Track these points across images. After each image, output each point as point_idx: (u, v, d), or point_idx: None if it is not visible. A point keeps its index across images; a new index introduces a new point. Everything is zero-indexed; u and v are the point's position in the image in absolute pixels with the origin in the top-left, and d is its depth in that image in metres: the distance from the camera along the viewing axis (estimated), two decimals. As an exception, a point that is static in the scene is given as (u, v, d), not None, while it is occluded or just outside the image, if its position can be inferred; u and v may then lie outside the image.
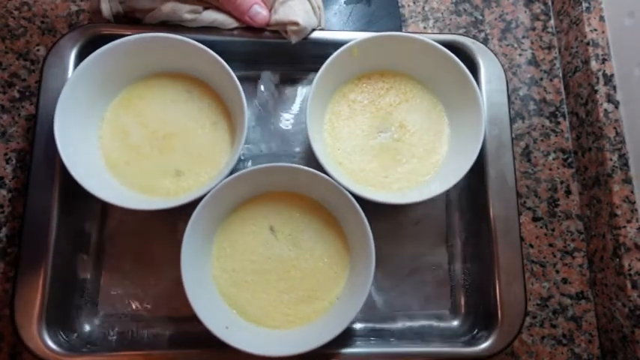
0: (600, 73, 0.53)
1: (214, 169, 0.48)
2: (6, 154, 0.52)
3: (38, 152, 0.47)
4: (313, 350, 0.41)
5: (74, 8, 0.56)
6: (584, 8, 0.55)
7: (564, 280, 0.53)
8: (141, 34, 0.47)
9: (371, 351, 0.46)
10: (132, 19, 0.51)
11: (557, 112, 0.58)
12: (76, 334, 0.46)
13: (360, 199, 0.44)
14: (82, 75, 0.46)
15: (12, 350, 0.47)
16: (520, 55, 0.59)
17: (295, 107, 0.54)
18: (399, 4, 0.59)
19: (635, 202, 0.50)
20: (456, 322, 0.50)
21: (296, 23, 0.49)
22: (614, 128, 0.52)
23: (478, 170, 0.49)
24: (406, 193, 0.48)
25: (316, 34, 0.52)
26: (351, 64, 0.50)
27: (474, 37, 0.56)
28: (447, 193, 0.52)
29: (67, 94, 0.45)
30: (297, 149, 0.53)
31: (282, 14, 0.49)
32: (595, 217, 0.53)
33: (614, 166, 0.51)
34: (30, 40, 0.55)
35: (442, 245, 0.52)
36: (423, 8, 0.60)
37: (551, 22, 0.61)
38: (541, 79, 0.59)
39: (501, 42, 0.59)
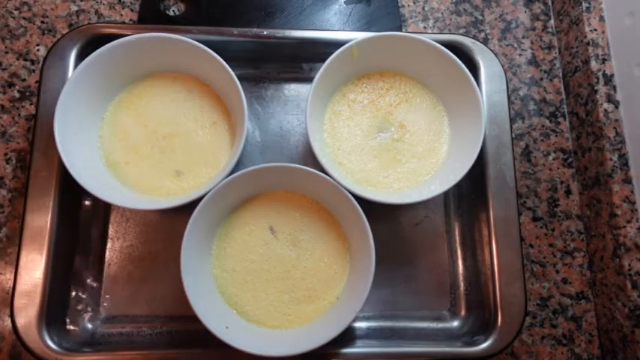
0: (600, 73, 0.53)
1: (214, 169, 0.48)
2: (6, 154, 0.52)
3: (38, 152, 0.47)
4: (313, 350, 0.41)
5: (74, 8, 0.56)
6: (584, 8, 0.55)
7: (564, 280, 0.53)
8: (141, 34, 0.47)
9: (371, 351, 0.46)
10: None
11: (557, 112, 0.58)
12: (76, 334, 0.46)
13: (360, 199, 0.44)
14: (82, 75, 0.46)
15: (12, 350, 0.47)
16: (520, 55, 0.59)
17: (295, 107, 0.54)
18: (399, 4, 0.59)
19: (635, 202, 0.50)
20: (456, 322, 0.50)
21: None
22: (614, 128, 0.52)
23: (478, 170, 0.49)
24: (406, 193, 0.48)
25: (316, 34, 0.52)
26: (351, 64, 0.50)
27: (474, 37, 0.56)
28: (447, 193, 0.52)
29: (67, 94, 0.45)
30: (297, 149, 0.53)
31: None
32: (595, 217, 0.53)
33: (614, 166, 0.51)
34: (30, 40, 0.55)
35: (442, 245, 0.52)
36: (423, 8, 0.60)
37: (551, 22, 0.61)
38: (541, 79, 0.59)
39: (501, 42, 0.59)
